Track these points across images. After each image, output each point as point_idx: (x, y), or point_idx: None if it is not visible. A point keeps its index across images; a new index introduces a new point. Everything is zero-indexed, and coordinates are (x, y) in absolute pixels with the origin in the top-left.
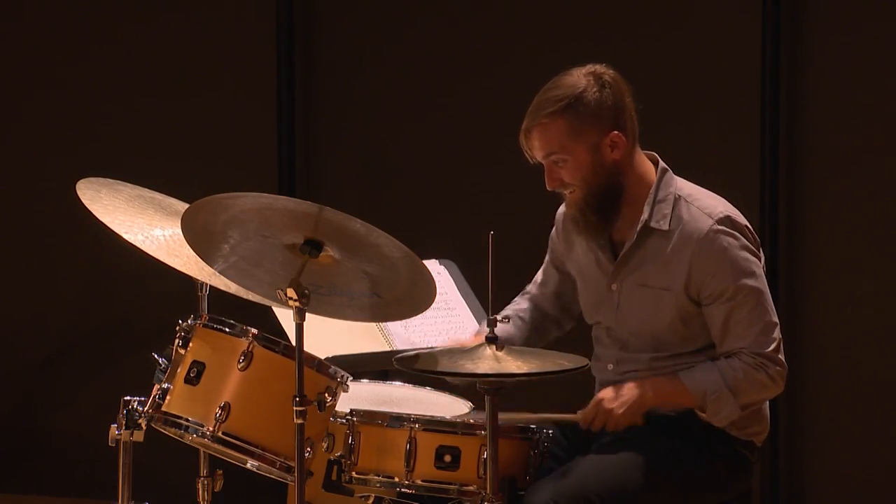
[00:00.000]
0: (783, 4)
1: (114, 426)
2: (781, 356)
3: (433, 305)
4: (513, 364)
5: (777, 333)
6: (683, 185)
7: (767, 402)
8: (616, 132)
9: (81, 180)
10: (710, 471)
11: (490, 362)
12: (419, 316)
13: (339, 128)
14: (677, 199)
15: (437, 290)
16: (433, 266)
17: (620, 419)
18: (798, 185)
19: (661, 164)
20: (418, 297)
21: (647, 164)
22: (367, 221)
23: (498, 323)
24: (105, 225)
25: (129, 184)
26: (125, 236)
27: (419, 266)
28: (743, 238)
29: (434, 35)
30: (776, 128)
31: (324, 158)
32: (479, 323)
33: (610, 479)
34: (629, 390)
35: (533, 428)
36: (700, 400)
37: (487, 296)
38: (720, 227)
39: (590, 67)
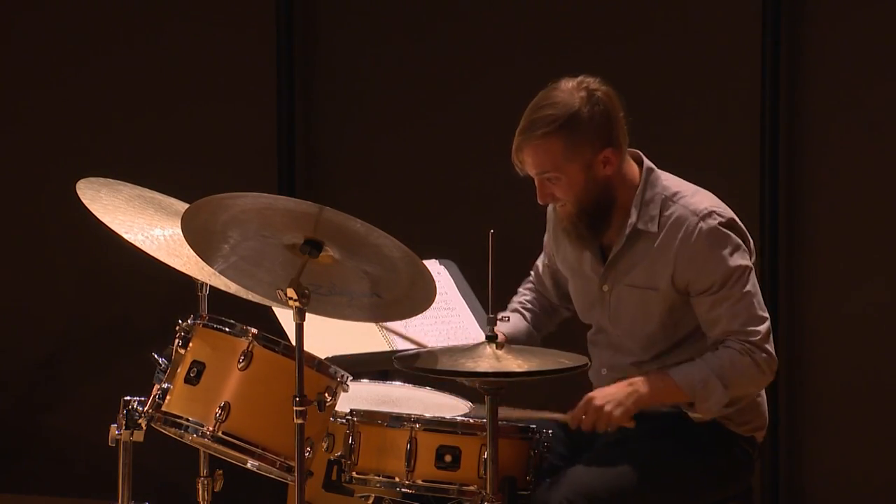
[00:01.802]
0: (783, 2)
1: (114, 426)
2: (770, 347)
3: (433, 305)
4: (513, 363)
5: (765, 327)
6: (670, 183)
7: (764, 396)
8: (609, 149)
9: (81, 180)
10: (714, 467)
11: (490, 361)
12: (419, 316)
13: (339, 128)
14: (665, 200)
15: (437, 290)
16: (433, 266)
17: (614, 419)
18: (798, 184)
19: (647, 163)
20: (418, 297)
21: (632, 167)
22: (367, 221)
23: (498, 321)
24: (105, 225)
25: (129, 184)
26: (125, 236)
27: (419, 266)
28: (729, 232)
29: (434, 34)
30: (776, 126)
31: (324, 158)
32: (479, 322)
33: (619, 477)
34: (620, 389)
35: (533, 428)
36: (689, 391)
37: (487, 296)
38: (704, 223)
39: (581, 81)
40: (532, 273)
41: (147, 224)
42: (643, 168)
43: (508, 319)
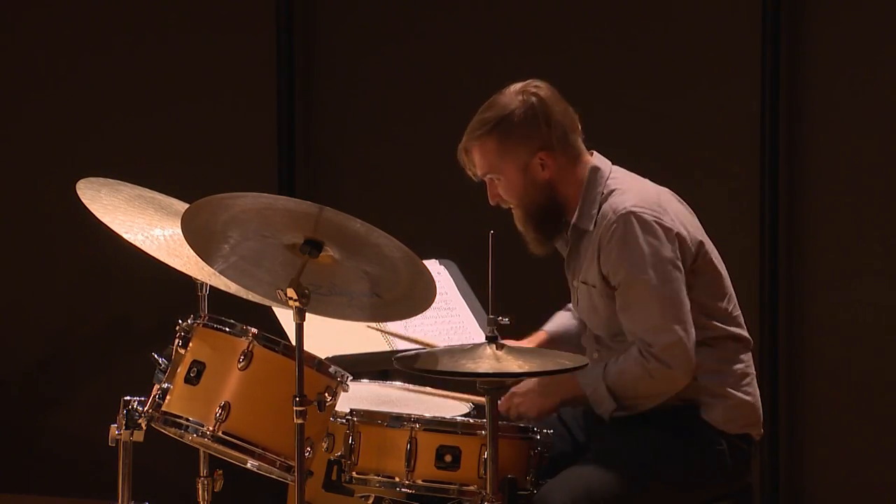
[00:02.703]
0: (783, 2)
1: (114, 426)
2: (670, 358)
3: (433, 305)
4: (513, 364)
5: (670, 337)
6: (614, 182)
7: (756, 393)
8: (544, 152)
9: (81, 180)
10: (711, 465)
11: (490, 362)
12: (419, 316)
13: (340, 128)
14: (602, 198)
15: (437, 290)
16: (433, 266)
17: (521, 410)
18: (798, 184)
19: (594, 162)
20: (418, 297)
21: (584, 168)
22: (367, 221)
23: (499, 324)
24: (105, 225)
25: (129, 184)
26: (125, 236)
27: (419, 266)
28: (642, 232)
29: (434, 34)
30: (776, 127)
31: (324, 159)
32: (479, 322)
33: (621, 478)
34: (540, 384)
35: (533, 428)
36: (588, 395)
37: (487, 296)
38: (619, 222)
39: (523, 85)
40: None
41: (147, 224)
42: (588, 169)
43: (509, 322)
